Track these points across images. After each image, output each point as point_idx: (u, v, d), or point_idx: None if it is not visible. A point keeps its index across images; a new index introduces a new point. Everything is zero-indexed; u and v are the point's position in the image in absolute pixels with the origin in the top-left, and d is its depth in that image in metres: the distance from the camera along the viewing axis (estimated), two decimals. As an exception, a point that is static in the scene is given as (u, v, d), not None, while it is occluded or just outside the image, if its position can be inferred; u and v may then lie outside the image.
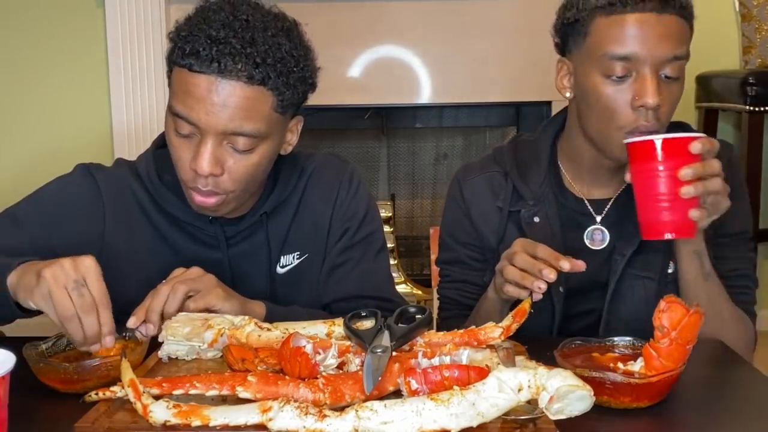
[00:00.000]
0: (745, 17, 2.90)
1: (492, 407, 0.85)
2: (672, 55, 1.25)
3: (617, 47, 1.26)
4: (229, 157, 1.21)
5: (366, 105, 3.01)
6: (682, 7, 1.26)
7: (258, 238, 1.37)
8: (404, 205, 3.35)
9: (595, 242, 1.41)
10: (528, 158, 1.46)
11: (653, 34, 1.24)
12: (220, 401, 0.92)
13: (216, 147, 1.20)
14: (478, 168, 1.50)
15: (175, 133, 1.23)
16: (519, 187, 1.43)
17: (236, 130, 1.19)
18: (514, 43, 2.90)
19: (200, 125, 1.19)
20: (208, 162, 1.19)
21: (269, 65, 1.18)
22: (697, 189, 1.16)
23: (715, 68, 2.87)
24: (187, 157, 1.22)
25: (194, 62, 1.17)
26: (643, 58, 1.25)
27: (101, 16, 2.76)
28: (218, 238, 1.34)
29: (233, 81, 1.17)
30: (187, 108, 1.19)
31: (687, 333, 0.95)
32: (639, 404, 0.97)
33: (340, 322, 1.07)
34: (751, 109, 2.69)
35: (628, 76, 1.26)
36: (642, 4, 1.24)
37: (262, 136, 1.22)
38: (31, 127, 2.83)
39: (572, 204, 1.43)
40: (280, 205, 1.38)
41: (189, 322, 1.11)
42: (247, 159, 1.22)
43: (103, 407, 0.92)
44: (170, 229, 1.35)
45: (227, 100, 1.17)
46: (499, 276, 1.25)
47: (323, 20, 2.79)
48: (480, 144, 3.35)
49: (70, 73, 2.79)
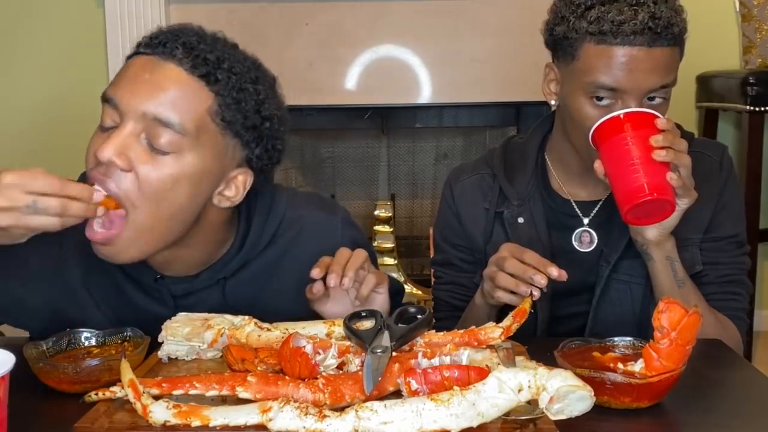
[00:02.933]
0: (745, 17, 2.90)
1: (492, 407, 0.85)
2: (659, 85, 1.26)
3: (604, 78, 1.25)
4: (145, 155, 1.06)
5: (366, 105, 3.01)
6: (674, 36, 1.25)
7: (215, 300, 1.21)
8: (404, 205, 3.35)
9: (584, 244, 1.40)
10: (516, 160, 1.46)
11: (642, 68, 1.24)
12: (220, 401, 0.92)
13: (129, 136, 1.05)
14: (469, 169, 1.51)
15: (98, 132, 1.10)
16: (505, 188, 1.43)
17: (159, 115, 1.05)
18: (514, 43, 2.90)
19: (121, 106, 1.06)
20: (113, 145, 1.04)
21: (222, 69, 1.09)
22: (668, 154, 1.17)
23: (715, 68, 2.87)
24: (93, 149, 1.07)
25: (143, 48, 1.10)
26: (629, 90, 1.25)
27: (101, 16, 2.76)
28: (164, 297, 1.21)
29: (172, 64, 1.07)
30: (114, 87, 1.08)
31: (686, 333, 0.95)
32: (639, 404, 0.97)
33: (340, 322, 1.07)
34: (751, 109, 2.69)
35: (613, 102, 1.26)
36: (632, 38, 1.23)
37: (188, 138, 1.07)
38: (30, 127, 2.82)
39: (559, 205, 1.42)
40: (244, 266, 1.22)
41: (189, 322, 1.11)
42: (162, 165, 1.06)
43: (103, 407, 0.92)
44: (125, 282, 1.22)
45: (159, 80, 1.07)
46: (488, 281, 1.23)
47: (323, 20, 2.79)
48: (480, 144, 3.35)
49: (69, 72, 2.79)
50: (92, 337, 1.13)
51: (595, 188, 1.40)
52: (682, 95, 2.86)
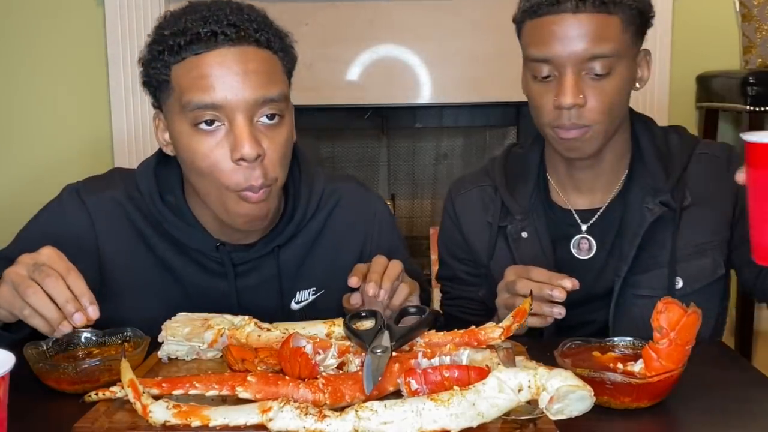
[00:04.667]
0: (745, 17, 2.89)
1: (492, 407, 0.85)
2: (590, 54, 1.23)
3: (536, 50, 1.26)
4: (264, 137, 1.14)
5: (366, 105, 3.01)
6: (602, 3, 1.23)
7: (268, 269, 1.29)
8: (404, 205, 3.35)
9: (582, 251, 1.38)
10: (517, 171, 1.44)
11: (569, 35, 1.23)
12: (220, 401, 0.92)
13: (249, 125, 1.13)
14: (470, 182, 1.48)
15: (197, 136, 1.13)
16: (507, 201, 1.41)
17: (265, 96, 1.12)
18: (514, 43, 2.88)
19: (227, 104, 1.11)
20: (250, 142, 1.11)
21: (266, 29, 1.16)
22: None
23: (715, 68, 2.87)
24: (222, 156, 1.12)
25: (198, 45, 1.12)
26: (560, 60, 1.24)
27: (101, 15, 2.76)
28: (225, 266, 1.26)
29: (245, 47, 1.13)
30: (208, 91, 1.11)
31: (685, 333, 0.95)
32: (639, 404, 0.97)
33: (340, 322, 1.07)
34: (751, 109, 2.68)
35: (552, 77, 1.26)
36: (557, 6, 1.23)
37: (286, 101, 1.17)
38: (30, 127, 2.82)
39: (561, 217, 1.40)
40: (294, 235, 1.30)
41: (189, 322, 1.11)
42: (279, 133, 1.16)
43: (103, 407, 0.92)
44: (173, 255, 1.26)
45: (247, 67, 1.12)
46: (503, 310, 1.21)
47: (323, 20, 2.79)
48: (480, 144, 3.35)
49: (69, 72, 2.79)
50: (92, 337, 1.13)
51: (591, 195, 1.38)
52: (682, 95, 2.86)
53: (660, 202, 1.32)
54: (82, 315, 0.99)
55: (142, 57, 1.18)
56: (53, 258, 1.01)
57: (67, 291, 0.99)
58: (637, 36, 1.29)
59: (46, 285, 0.98)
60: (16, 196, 2.78)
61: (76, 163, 2.77)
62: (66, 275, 1.00)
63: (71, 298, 0.99)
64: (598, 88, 1.25)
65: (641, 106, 2.73)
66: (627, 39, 1.26)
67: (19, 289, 0.99)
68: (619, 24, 1.24)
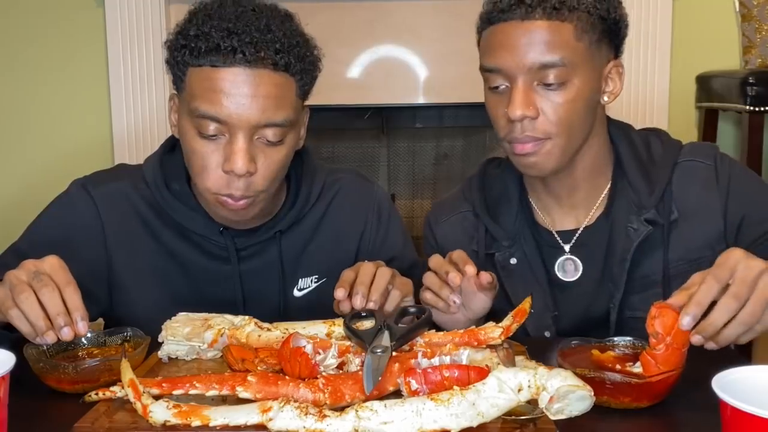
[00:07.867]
0: (745, 17, 2.89)
1: (492, 407, 0.85)
2: (539, 62, 1.18)
3: (487, 60, 1.23)
4: (260, 153, 1.17)
5: (366, 105, 3.01)
6: (554, 9, 1.17)
7: (271, 254, 1.32)
8: (404, 205, 3.35)
9: (568, 273, 1.32)
10: (497, 195, 1.37)
11: (518, 43, 1.18)
12: (220, 401, 0.92)
13: (248, 143, 1.15)
14: (448, 209, 1.42)
15: (198, 137, 1.17)
16: (490, 227, 1.34)
17: (268, 121, 1.15)
18: (514, 43, 2.89)
19: (231, 121, 1.14)
20: (243, 160, 1.14)
21: (288, 50, 1.16)
22: None
23: (715, 68, 2.87)
24: (215, 162, 1.16)
25: (216, 57, 1.13)
26: (509, 69, 1.19)
27: (101, 16, 2.76)
28: (228, 250, 1.29)
29: (260, 69, 1.14)
30: (215, 105, 1.14)
31: (681, 336, 0.95)
32: (639, 404, 0.97)
33: (340, 322, 1.07)
34: (751, 109, 2.68)
35: (505, 87, 1.21)
36: (507, 13, 1.19)
37: (291, 125, 1.19)
38: (30, 127, 2.82)
39: (545, 238, 1.34)
40: (296, 222, 1.33)
41: (189, 322, 1.11)
42: (277, 152, 1.18)
43: (103, 407, 0.92)
44: (177, 242, 1.30)
45: (257, 90, 1.14)
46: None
47: (323, 20, 2.79)
48: (480, 144, 3.35)
49: (69, 73, 2.79)
50: (92, 337, 1.13)
51: (570, 214, 1.33)
52: (682, 95, 2.86)
53: (645, 219, 1.26)
54: (70, 330, 1.01)
55: (169, 40, 1.21)
56: (55, 268, 1.03)
57: (60, 304, 1.01)
58: (602, 45, 1.23)
59: (42, 294, 1.01)
60: (17, 196, 2.78)
61: (76, 163, 2.75)
62: (64, 288, 1.02)
63: (63, 311, 1.01)
64: (551, 99, 1.19)
65: (641, 106, 2.73)
66: (583, 48, 1.20)
67: (13, 292, 1.01)
68: (572, 31, 1.19)
